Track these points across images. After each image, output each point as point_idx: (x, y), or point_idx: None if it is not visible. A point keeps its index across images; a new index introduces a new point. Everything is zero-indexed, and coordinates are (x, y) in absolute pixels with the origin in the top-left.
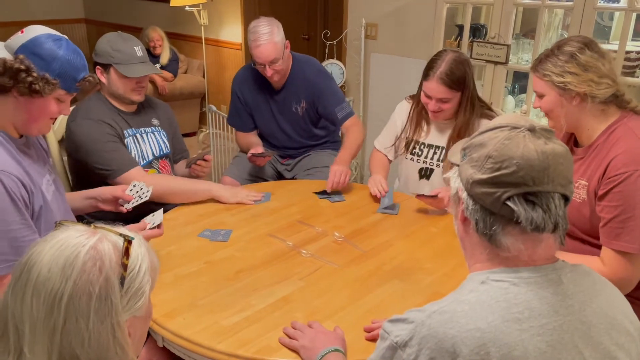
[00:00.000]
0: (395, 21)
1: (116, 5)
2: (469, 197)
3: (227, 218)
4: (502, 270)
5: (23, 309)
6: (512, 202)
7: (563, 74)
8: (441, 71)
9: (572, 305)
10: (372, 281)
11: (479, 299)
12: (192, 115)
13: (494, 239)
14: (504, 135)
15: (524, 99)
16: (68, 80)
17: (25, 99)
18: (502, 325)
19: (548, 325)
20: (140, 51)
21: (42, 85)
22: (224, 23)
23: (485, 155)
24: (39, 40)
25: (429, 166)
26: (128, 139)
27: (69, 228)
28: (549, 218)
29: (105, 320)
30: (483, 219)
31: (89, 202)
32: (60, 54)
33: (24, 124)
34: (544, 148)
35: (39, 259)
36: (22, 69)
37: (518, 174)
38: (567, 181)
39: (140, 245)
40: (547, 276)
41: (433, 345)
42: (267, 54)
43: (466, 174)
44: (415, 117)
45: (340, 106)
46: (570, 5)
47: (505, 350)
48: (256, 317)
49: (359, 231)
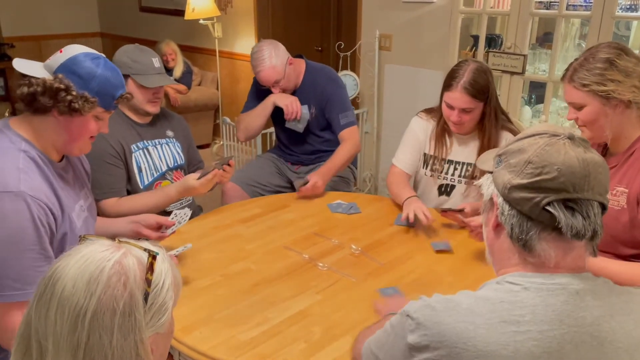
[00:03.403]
0: (410, 32)
1: (131, 19)
2: (505, 202)
3: (242, 230)
4: (520, 274)
5: (47, 325)
6: (552, 207)
7: (605, 82)
8: (465, 81)
9: (584, 318)
10: None
11: (486, 295)
12: (206, 127)
13: (528, 244)
14: (544, 142)
15: (541, 109)
16: (106, 98)
17: (65, 119)
18: (498, 324)
19: (548, 332)
20: (158, 62)
21: (81, 103)
22: (237, 36)
23: (525, 161)
24: (77, 59)
25: (449, 182)
26: (137, 153)
27: (94, 242)
28: (589, 225)
29: (129, 336)
30: (519, 224)
31: (131, 227)
32: (99, 73)
33: (64, 144)
34: (584, 156)
35: (63, 274)
36: (61, 88)
37: (559, 179)
38: (605, 190)
39: (164, 260)
40: (563, 285)
41: (430, 326)
42: (268, 78)
43: (503, 180)
44: (439, 134)
45: (344, 113)
46: (587, 14)
47: (493, 348)
48: (274, 331)
49: (376, 243)
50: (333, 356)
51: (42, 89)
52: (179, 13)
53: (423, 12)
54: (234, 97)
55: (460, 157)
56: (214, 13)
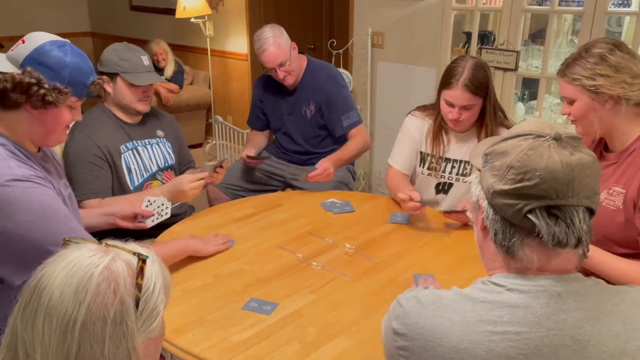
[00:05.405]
0: (402, 29)
1: (122, 18)
2: (489, 206)
3: (234, 230)
4: (505, 275)
5: (34, 335)
6: (534, 215)
7: (594, 77)
8: (464, 77)
9: (565, 321)
10: (386, 294)
11: (470, 294)
12: (198, 126)
13: (511, 250)
14: (528, 145)
15: (535, 106)
16: (79, 86)
17: (39, 112)
18: (475, 323)
19: (525, 334)
20: (147, 60)
21: (55, 95)
22: (229, 34)
23: (507, 165)
24: (43, 48)
25: (447, 180)
26: (126, 154)
27: (80, 247)
28: (572, 233)
29: (121, 345)
30: (503, 230)
31: (105, 219)
32: (68, 61)
33: (41, 137)
34: (570, 159)
35: (49, 282)
36: (32, 82)
37: (541, 186)
38: (592, 193)
39: (154, 262)
40: (545, 287)
41: (412, 317)
42: (274, 57)
43: (487, 183)
44: (436, 132)
45: (346, 114)
46: (580, 10)
47: (466, 345)
48: (267, 333)
49: (370, 242)
50: (328, 357)
51: (11, 85)
52: (169, 12)
53: (415, 9)
54: (226, 96)
55: (458, 155)
56: (205, 11)
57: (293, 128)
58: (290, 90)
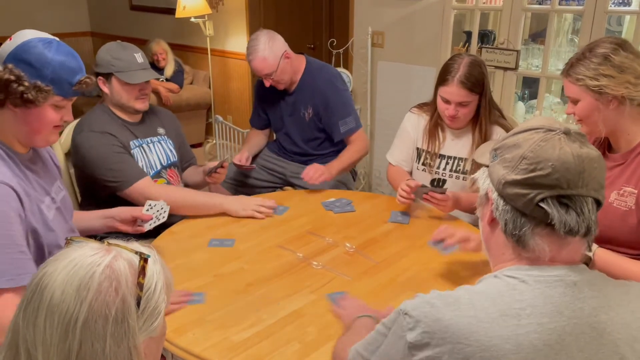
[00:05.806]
0: (402, 29)
1: (122, 17)
2: (499, 197)
3: (235, 230)
4: (517, 267)
5: (35, 333)
6: (546, 204)
7: (598, 77)
8: (460, 74)
9: (582, 309)
10: (387, 293)
11: (486, 290)
12: (198, 126)
13: (522, 239)
14: (540, 137)
15: (535, 105)
16: (63, 85)
17: (21, 111)
18: (499, 318)
19: (548, 324)
20: (141, 58)
21: (34, 94)
22: (229, 34)
23: (519, 156)
24: (27, 45)
25: (441, 177)
26: (135, 150)
27: (82, 246)
28: (582, 222)
29: (122, 343)
30: (513, 220)
31: (105, 222)
32: (51, 58)
33: (26, 136)
34: (580, 152)
35: (51, 280)
36: (11, 79)
37: (553, 176)
38: (600, 186)
39: (155, 262)
40: (560, 277)
41: (431, 323)
42: (260, 69)
43: (498, 175)
44: (432, 129)
45: (344, 120)
46: (580, 9)
47: (496, 342)
48: (267, 332)
49: (370, 242)
50: (328, 357)
51: None
52: (169, 11)
53: (415, 8)
54: (226, 95)
55: (452, 151)
56: (205, 11)
57: (293, 129)
58: (289, 91)
